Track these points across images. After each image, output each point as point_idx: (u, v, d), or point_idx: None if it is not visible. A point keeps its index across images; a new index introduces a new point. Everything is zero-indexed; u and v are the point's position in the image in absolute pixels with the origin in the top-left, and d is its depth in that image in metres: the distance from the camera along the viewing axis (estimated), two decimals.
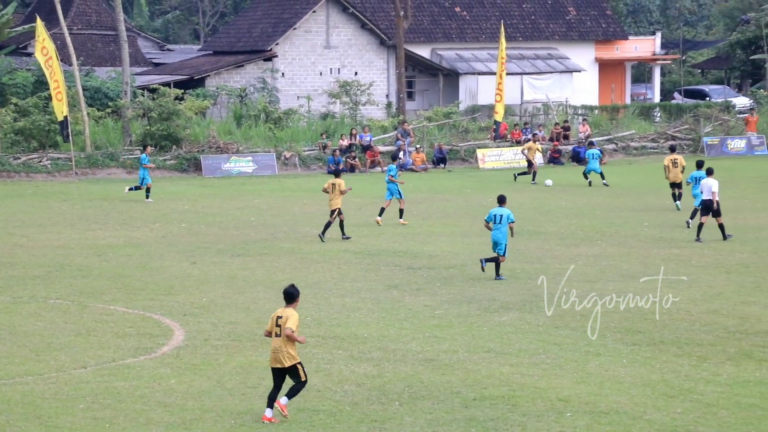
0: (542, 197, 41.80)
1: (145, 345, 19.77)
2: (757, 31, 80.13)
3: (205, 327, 21.11)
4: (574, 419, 15.51)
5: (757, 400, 16.27)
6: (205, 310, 22.58)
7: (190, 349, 19.49)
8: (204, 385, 17.22)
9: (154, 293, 24.32)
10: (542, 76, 65.38)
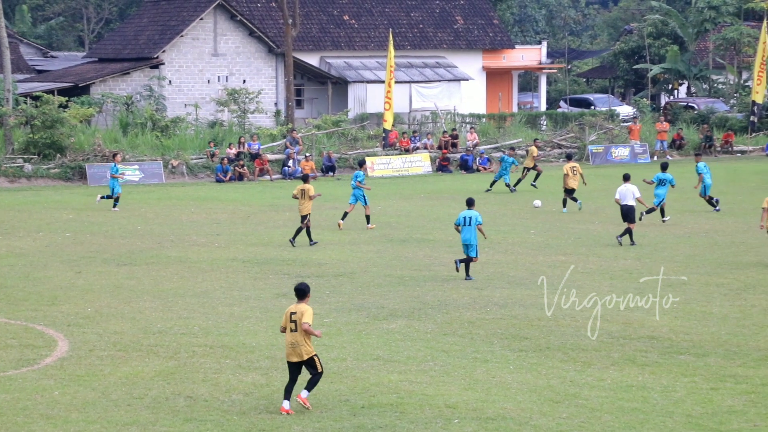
0: (430, 204, 42.02)
1: (28, 356, 19.41)
2: (639, 41, 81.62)
3: (90, 337, 20.80)
4: (461, 426, 15.60)
5: (640, 404, 16.53)
6: (90, 321, 22.25)
7: (74, 360, 19.18)
8: (89, 397, 16.96)
9: (37, 303, 23.89)
10: (430, 85, 65.78)
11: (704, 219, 36.91)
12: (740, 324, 21.61)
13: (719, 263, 28.47)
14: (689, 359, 19.03)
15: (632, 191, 31.75)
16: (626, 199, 31.79)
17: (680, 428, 15.41)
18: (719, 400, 16.66)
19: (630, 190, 31.78)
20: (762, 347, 19.77)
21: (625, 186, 32.06)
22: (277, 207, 41.64)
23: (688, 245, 31.57)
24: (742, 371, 18.22)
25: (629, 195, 31.76)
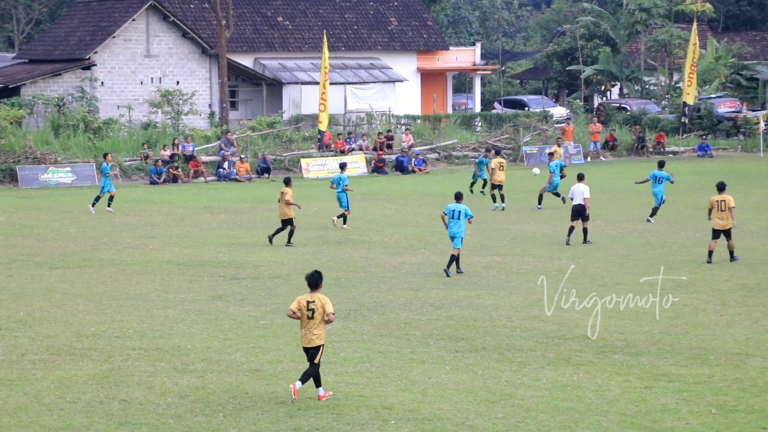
0: (366, 206, 42.02)
1: None
2: (572, 43, 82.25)
3: (22, 341, 20.55)
4: (398, 427, 15.60)
5: (575, 403, 16.63)
6: (22, 324, 21.99)
7: (6, 364, 18.93)
8: (21, 401, 16.75)
9: None
10: (365, 86, 65.79)
11: (638, 220, 37.23)
12: (673, 323, 21.82)
13: (652, 263, 28.74)
14: (623, 358, 19.19)
15: (583, 191, 32.04)
16: (577, 198, 32.09)
17: (614, 427, 15.52)
18: (653, 399, 16.81)
19: (581, 190, 32.10)
20: (694, 346, 19.98)
21: (578, 185, 32.41)
22: (212, 209, 41.44)
23: (622, 245, 31.84)
24: (675, 370, 18.40)
25: (579, 194, 32.05)
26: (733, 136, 66.10)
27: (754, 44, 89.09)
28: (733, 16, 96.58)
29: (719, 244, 28.87)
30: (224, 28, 59.50)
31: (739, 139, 65.13)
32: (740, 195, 43.73)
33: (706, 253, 30.06)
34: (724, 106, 68.14)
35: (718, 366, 18.58)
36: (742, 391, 17.14)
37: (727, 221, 28.50)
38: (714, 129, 66.52)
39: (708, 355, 19.30)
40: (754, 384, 17.49)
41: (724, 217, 28.48)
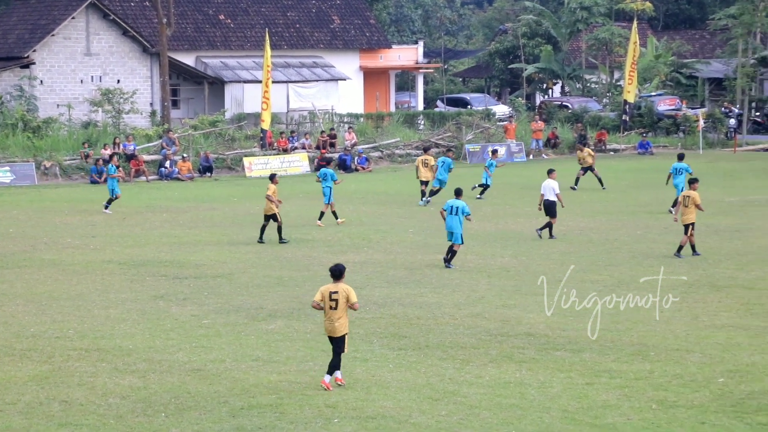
0: (309, 205, 41.93)
1: None
2: (514, 41, 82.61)
3: None
4: (341, 425, 15.59)
5: (517, 400, 16.70)
6: None
7: None
8: None
9: None
10: (308, 85, 65.65)
11: (580, 217, 37.45)
12: (614, 320, 21.96)
13: (594, 260, 28.93)
14: (565, 355, 19.29)
15: (552, 186, 32.33)
16: (547, 193, 32.37)
17: (557, 423, 15.60)
18: (594, 395, 16.91)
19: (551, 186, 32.38)
20: (635, 342, 20.13)
21: (547, 181, 32.67)
22: (153, 208, 41.18)
23: (564, 243, 32.01)
24: (616, 366, 18.53)
25: (549, 190, 32.35)
26: (673, 133, 66.69)
27: (694, 43, 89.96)
28: (673, 14, 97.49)
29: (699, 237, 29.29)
30: (165, 27, 59.14)
31: (678, 137, 65.71)
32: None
33: (647, 249, 30.33)
34: (664, 104, 68.73)
35: (659, 362, 18.73)
36: (682, 386, 17.30)
37: (688, 216, 28.85)
38: (654, 127, 67.07)
39: (648, 351, 19.45)
40: (694, 379, 17.66)
41: (686, 212, 28.88)
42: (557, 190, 32.39)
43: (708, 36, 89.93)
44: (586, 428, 15.39)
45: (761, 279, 25.83)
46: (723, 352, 19.29)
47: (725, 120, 67.24)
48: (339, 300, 17.22)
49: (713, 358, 18.87)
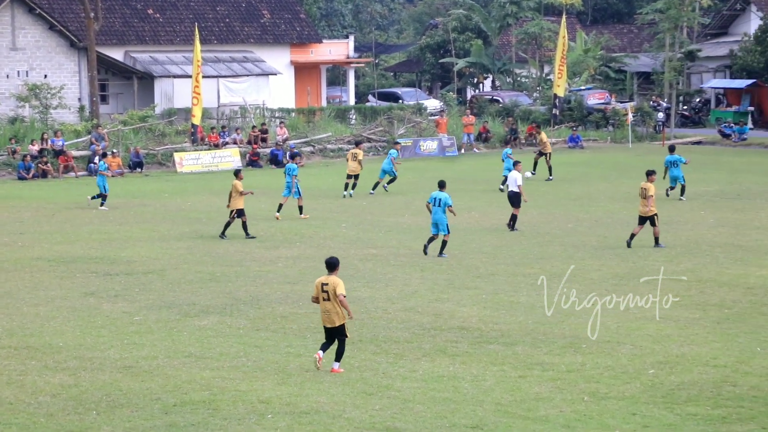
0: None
1: None
2: (445, 36, 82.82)
3: None
4: (275, 420, 15.54)
5: (451, 394, 16.75)
6: None
7: None
8: None
9: None
10: (239, 79, 65.32)
11: (510, 211, 37.61)
12: (546, 313, 22.09)
13: (525, 254, 29.09)
14: (498, 348, 19.38)
15: (515, 178, 32.85)
16: (510, 185, 32.96)
17: (490, 416, 15.67)
18: (527, 388, 17.01)
19: (514, 177, 32.94)
20: (567, 335, 20.27)
21: (512, 173, 33.38)
22: (83, 204, 40.77)
23: (495, 236, 32.16)
24: (548, 359, 18.65)
25: (512, 181, 32.93)
26: (602, 127, 67.21)
27: (622, 37, 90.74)
28: (601, 9, 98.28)
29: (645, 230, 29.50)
30: (93, 21, 58.53)
31: (608, 131, 66.25)
32: (610, 185, 44.56)
33: (578, 242, 30.57)
34: (593, 97, 69.25)
35: (590, 354, 18.88)
36: (613, 378, 17.44)
37: (646, 208, 29.23)
38: (584, 120, 67.56)
39: (580, 343, 19.60)
40: (625, 371, 17.82)
41: (645, 204, 29.25)
42: (519, 182, 32.83)
43: (636, 30, 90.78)
44: (519, 421, 15.47)
45: (690, 271, 26.11)
46: (653, 343, 19.49)
47: (654, 114, 67.90)
48: (330, 292, 17.76)
49: (644, 350, 19.05)
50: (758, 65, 71.89)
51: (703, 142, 64.06)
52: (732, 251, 28.79)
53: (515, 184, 32.87)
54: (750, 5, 78.55)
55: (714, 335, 19.93)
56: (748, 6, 78.82)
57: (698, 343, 19.48)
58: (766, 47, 71.92)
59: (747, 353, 18.70)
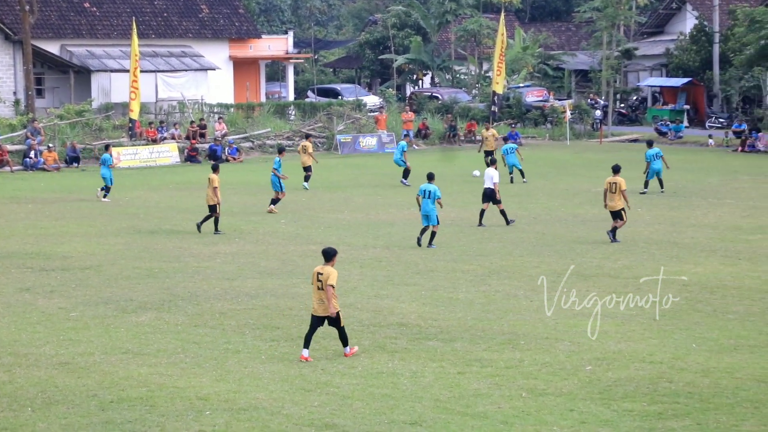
0: (179, 195, 41.57)
1: None
2: (384, 32, 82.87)
3: None
4: (213, 417, 15.46)
5: (390, 390, 16.75)
6: None
7: None
8: None
9: None
10: (177, 74, 64.95)
11: (451, 207, 37.73)
12: (485, 309, 22.17)
13: (464, 250, 29.17)
14: (437, 345, 19.41)
15: (492, 175, 33.29)
16: (487, 182, 33.36)
17: (429, 412, 15.69)
18: (466, 384, 17.04)
19: (490, 174, 33.38)
20: (506, 331, 20.34)
21: (488, 169, 33.91)
22: (18, 199, 40.33)
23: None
24: (487, 355, 18.70)
25: (489, 178, 33.35)
26: (540, 124, 67.63)
27: (560, 35, 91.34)
28: (540, 7, 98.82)
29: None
30: (28, 14, 57.88)
31: (546, 128, 66.66)
32: (548, 182, 44.81)
33: (516, 239, 30.70)
34: (532, 95, 69.65)
35: (529, 350, 18.96)
36: (551, 374, 17.53)
37: (616, 203, 29.52)
38: (523, 118, 67.94)
39: (519, 340, 19.68)
40: (563, 368, 17.91)
41: (614, 199, 29.54)
42: (496, 179, 33.26)
43: (574, 28, 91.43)
44: (458, 417, 15.51)
45: (627, 268, 26.32)
46: (591, 340, 19.60)
47: (591, 111, 68.43)
48: (323, 281, 18.12)
49: (581, 347, 19.17)
50: (694, 64, 72.70)
51: (639, 139, 64.60)
52: (668, 248, 29.06)
53: (491, 181, 33.24)
54: (686, 4, 79.37)
55: (650, 332, 20.10)
56: (684, 5, 79.63)
57: (635, 339, 19.63)
58: (702, 46, 72.76)
59: (683, 350, 18.88)
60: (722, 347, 19.03)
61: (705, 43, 72.59)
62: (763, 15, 59.03)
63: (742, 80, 69.37)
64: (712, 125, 67.54)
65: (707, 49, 72.20)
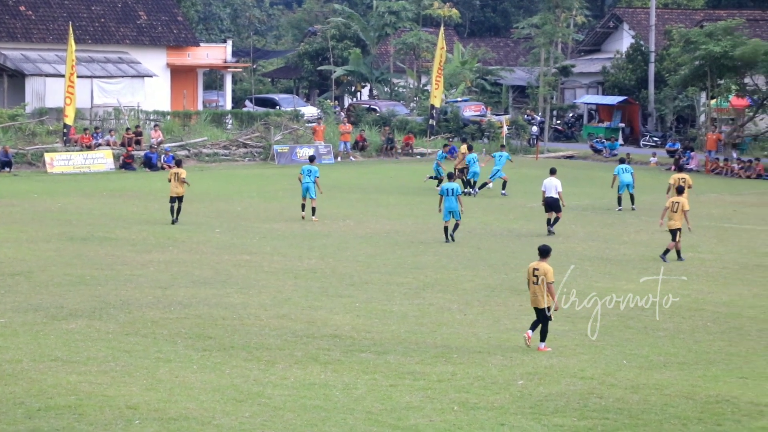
0: (113, 203, 41.23)
1: None
2: (323, 43, 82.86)
3: None
4: (142, 426, 15.32)
5: (322, 401, 16.70)
6: None
7: None
8: None
9: None
10: (113, 80, 64.41)
11: (386, 219, 37.79)
12: (419, 322, 22.19)
13: (399, 263, 29.19)
14: (370, 357, 19.39)
15: (555, 185, 34.59)
16: (550, 191, 34.63)
17: (360, 425, 15.65)
18: (398, 397, 17.03)
19: (554, 183, 34.66)
20: (439, 344, 20.37)
21: (550, 179, 35.01)
22: None
23: (370, 245, 32.22)
24: (419, 368, 18.71)
25: (552, 188, 34.61)
26: (478, 139, 67.89)
27: (498, 50, 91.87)
28: (479, 22, 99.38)
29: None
30: None
31: (483, 142, 66.94)
32: (484, 197, 44.99)
33: (451, 252, 30.78)
34: (469, 109, 69.90)
35: (461, 364, 18.99)
36: (483, 388, 17.57)
37: (676, 221, 29.78)
38: (460, 132, 68.18)
39: (452, 353, 19.71)
40: (495, 381, 17.96)
41: (675, 218, 29.80)
42: (560, 188, 34.55)
43: (512, 44, 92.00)
44: (389, 430, 15.48)
45: (559, 283, 26.43)
46: (523, 354, 19.69)
47: (528, 127, 68.84)
48: (540, 277, 19.55)
49: (513, 361, 19.24)
50: (629, 83, 73.44)
51: (575, 156, 65.09)
52: (601, 265, 29.27)
53: (555, 190, 34.41)
54: (622, 23, 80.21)
55: (582, 348, 20.22)
56: (621, 24, 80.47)
57: (566, 355, 19.74)
58: (637, 65, 73.53)
59: (613, 366, 19.01)
60: (652, 364, 19.19)
61: (641, 63, 73.38)
62: (698, 36, 59.75)
63: (676, 100, 70.21)
64: (647, 144, 68.24)
65: (643, 68, 72.98)
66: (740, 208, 41.38)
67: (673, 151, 61.50)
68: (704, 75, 60.16)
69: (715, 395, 17.25)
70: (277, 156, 59.10)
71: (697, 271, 28.37)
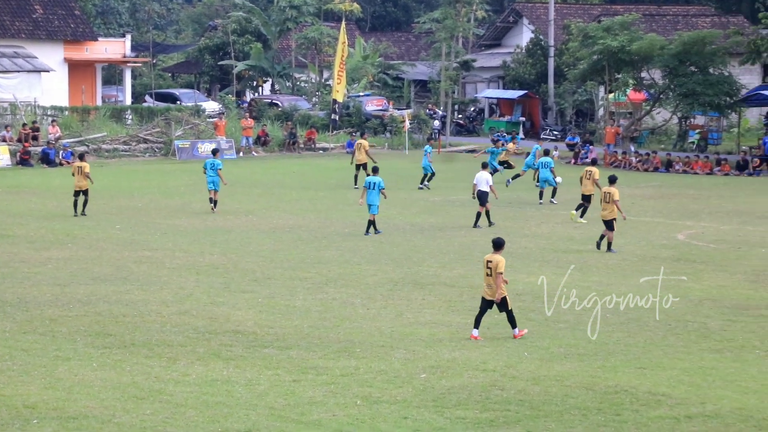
0: (10, 199, 40.59)
1: None
2: (224, 38, 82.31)
3: None
4: (40, 426, 15.10)
5: (224, 398, 16.61)
6: None
7: None
8: None
9: None
10: (9, 75, 63.33)
11: (289, 214, 37.71)
12: (322, 317, 22.17)
13: (302, 258, 29.13)
14: (273, 352, 19.33)
15: (486, 178, 34.72)
16: (481, 184, 34.63)
17: (263, 420, 15.60)
18: (301, 392, 17.01)
19: (484, 177, 34.75)
20: (342, 339, 20.37)
21: (480, 173, 34.90)
22: None
23: (273, 240, 32.11)
24: (322, 363, 18.69)
25: (483, 181, 34.68)
26: (380, 133, 68.02)
27: (400, 45, 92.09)
28: (380, 16, 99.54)
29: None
30: None
31: (386, 137, 67.07)
32: (387, 191, 45.02)
33: (354, 247, 30.81)
34: (371, 104, 70.00)
35: (364, 358, 19.02)
36: (386, 382, 17.61)
37: (609, 212, 29.93)
38: (362, 126, 68.23)
39: (355, 347, 19.72)
40: (398, 375, 18.01)
41: (608, 208, 29.94)
42: (491, 182, 34.80)
43: (413, 39, 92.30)
44: (292, 425, 15.46)
45: (462, 277, 26.63)
46: (426, 348, 19.77)
47: (430, 121, 69.13)
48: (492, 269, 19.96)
49: (416, 354, 19.31)
50: (529, 77, 74.13)
51: (477, 150, 65.51)
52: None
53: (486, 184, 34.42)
54: (522, 18, 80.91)
55: (484, 340, 20.36)
56: (521, 19, 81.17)
57: (469, 348, 19.86)
58: (537, 60, 74.25)
59: (515, 358, 19.17)
60: (552, 356, 19.39)
61: (540, 57, 74.10)
62: (596, 31, 60.47)
63: (575, 94, 71.03)
64: (547, 137, 68.92)
65: (542, 62, 73.71)
66: (638, 200, 41.98)
67: (573, 145, 62.20)
68: (602, 69, 60.94)
69: (614, 386, 17.49)
70: (179, 151, 58.63)
71: (597, 263, 28.73)
